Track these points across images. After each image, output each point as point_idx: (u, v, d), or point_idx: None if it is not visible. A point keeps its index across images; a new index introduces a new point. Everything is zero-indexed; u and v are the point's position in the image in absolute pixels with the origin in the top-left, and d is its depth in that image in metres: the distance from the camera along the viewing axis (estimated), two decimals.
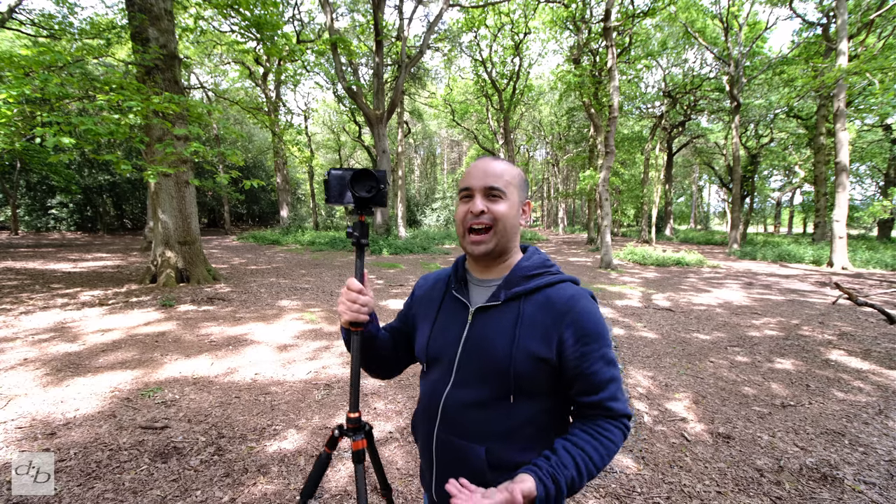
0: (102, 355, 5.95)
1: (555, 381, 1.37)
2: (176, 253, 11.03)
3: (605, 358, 1.34)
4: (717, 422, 4.43)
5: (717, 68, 31.01)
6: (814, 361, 6.36)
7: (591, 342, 1.33)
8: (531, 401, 1.37)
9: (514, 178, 1.45)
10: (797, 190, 48.12)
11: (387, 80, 26.40)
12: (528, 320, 1.36)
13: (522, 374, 1.33)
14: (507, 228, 1.42)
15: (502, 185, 1.40)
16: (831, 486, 3.39)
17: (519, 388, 1.34)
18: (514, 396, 1.35)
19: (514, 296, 1.40)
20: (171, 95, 8.76)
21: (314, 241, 24.58)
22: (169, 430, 3.99)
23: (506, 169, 1.44)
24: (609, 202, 17.78)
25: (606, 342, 1.36)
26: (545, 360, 1.33)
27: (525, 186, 1.50)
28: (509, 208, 1.41)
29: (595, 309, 1.39)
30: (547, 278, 1.43)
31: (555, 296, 1.39)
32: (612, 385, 1.34)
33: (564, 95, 33.62)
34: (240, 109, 28.47)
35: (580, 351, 1.32)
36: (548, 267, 1.47)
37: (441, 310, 1.55)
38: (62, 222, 32.18)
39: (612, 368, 1.34)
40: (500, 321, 1.39)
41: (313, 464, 1.86)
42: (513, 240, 1.46)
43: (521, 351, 1.33)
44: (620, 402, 1.35)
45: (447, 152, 68.25)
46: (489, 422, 1.37)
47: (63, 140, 7.40)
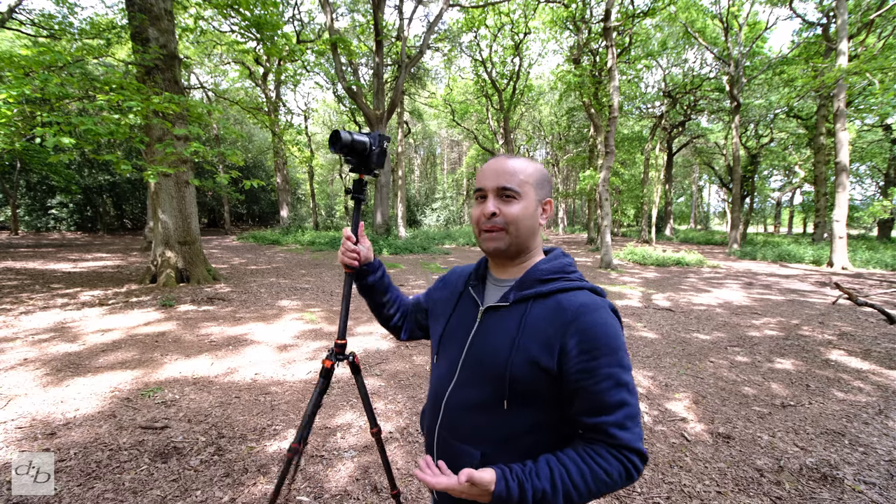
0: (102, 355, 5.95)
1: (557, 393, 1.27)
2: (176, 253, 11.03)
3: (616, 378, 1.20)
4: (717, 422, 4.43)
5: (717, 68, 31.00)
6: (814, 361, 6.37)
7: (599, 357, 1.20)
8: (529, 409, 1.29)
9: (531, 175, 1.37)
10: (797, 190, 48.14)
11: (387, 80, 26.39)
12: (532, 324, 1.28)
13: (519, 380, 1.26)
14: (522, 230, 1.35)
15: (516, 184, 1.34)
16: (831, 486, 3.39)
17: (515, 394, 1.27)
18: (509, 402, 1.28)
19: (522, 298, 1.34)
20: (171, 95, 8.76)
21: (314, 241, 24.58)
22: (169, 430, 3.99)
23: (521, 167, 1.36)
24: (609, 202, 17.78)
25: (619, 362, 1.21)
26: (545, 370, 1.24)
27: (545, 183, 1.42)
28: (523, 209, 1.34)
29: (611, 322, 1.25)
30: (562, 283, 1.33)
31: (566, 302, 1.29)
32: (621, 411, 1.19)
33: (564, 95, 33.64)
34: (240, 109, 28.46)
35: (584, 365, 1.20)
36: (567, 272, 1.37)
37: (458, 304, 1.53)
38: (62, 222, 32.18)
39: (624, 392, 1.20)
40: (505, 323, 1.33)
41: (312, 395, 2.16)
42: (530, 241, 1.39)
43: (521, 355, 1.26)
44: (629, 432, 1.19)
45: (447, 152, 68.21)
46: (486, 426, 1.32)
47: (63, 140, 7.39)
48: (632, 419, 1.20)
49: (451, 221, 44.76)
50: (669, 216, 41.95)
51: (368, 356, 6.27)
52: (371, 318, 8.38)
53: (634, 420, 1.21)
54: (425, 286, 12.15)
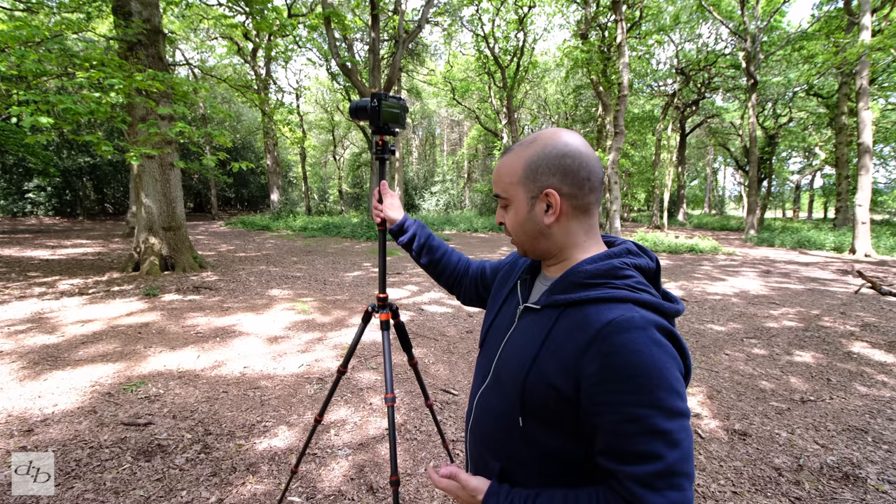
0: (82, 347, 5.93)
1: (575, 418, 1.06)
2: (160, 239, 11.00)
3: (646, 424, 0.94)
4: (732, 418, 4.42)
5: (732, 44, 30.82)
6: (835, 354, 6.35)
7: (622, 392, 0.96)
8: (548, 434, 1.12)
9: (516, 171, 1.19)
10: (817, 172, 48.06)
11: (383, 57, 26.26)
12: (556, 338, 1.10)
13: (533, 397, 1.10)
14: (523, 238, 1.24)
15: (501, 190, 1.24)
16: (854, 485, 3.38)
17: (528, 412, 1.13)
18: (524, 420, 1.14)
19: (553, 303, 1.15)
20: (154, 73, 8.67)
21: (306, 226, 24.59)
22: (153, 427, 3.97)
23: (506, 166, 1.22)
24: (618, 185, 17.76)
25: (654, 402, 0.94)
26: (560, 393, 1.05)
27: (541, 169, 1.16)
28: (514, 216, 1.22)
29: (646, 350, 0.96)
30: (601, 292, 1.08)
31: (593, 316, 1.04)
32: (647, 465, 0.94)
33: (571, 73, 33.35)
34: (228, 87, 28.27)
35: (602, 397, 0.98)
36: (614, 277, 1.11)
37: (508, 297, 1.41)
38: (39, 207, 32.06)
39: (657, 444, 0.94)
40: (535, 329, 1.17)
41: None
42: (540, 242, 1.22)
43: (538, 371, 1.10)
44: (656, 495, 0.93)
45: (447, 133, 67.94)
46: (504, 440, 1.20)
47: (40, 120, 7.32)
48: (663, 478, 0.93)
49: (451, 206, 44.74)
50: (682, 200, 41.90)
51: (364, 348, 6.25)
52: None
53: (668, 481, 0.93)
54: (423, 274, 12.14)
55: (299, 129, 36.79)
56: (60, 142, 29.32)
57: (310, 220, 27.19)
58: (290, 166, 49.82)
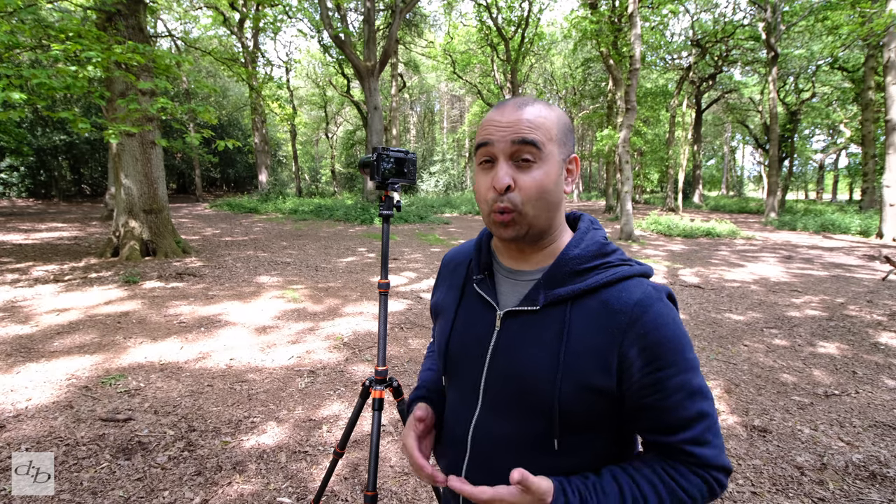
0: (58, 338, 5.92)
1: (617, 413, 1.10)
2: (141, 222, 10.96)
3: (688, 387, 1.03)
4: (751, 413, 4.41)
5: (751, 14, 30.62)
6: (861, 345, 6.34)
7: (667, 366, 1.02)
8: (585, 441, 1.11)
9: (553, 127, 1.09)
10: (842, 151, 47.94)
11: (379, 28, 26.10)
12: (578, 338, 1.06)
13: (573, 411, 1.06)
14: (544, 207, 1.09)
15: (538, 138, 1.06)
16: (881, 485, 3.36)
17: (567, 429, 1.08)
18: (560, 440, 1.08)
19: (557, 300, 1.09)
20: (135, 45, 8.61)
21: (297, 209, 24.53)
22: (133, 423, 3.96)
23: (540, 115, 1.08)
24: (630, 165, 17.70)
25: (689, 364, 1.04)
26: (602, 391, 1.05)
27: (569, 136, 1.14)
28: (545, 176, 1.06)
29: (673, 316, 1.06)
30: (606, 274, 1.08)
31: (615, 301, 1.05)
32: (699, 424, 1.04)
33: (579, 45, 33.07)
34: (213, 60, 28.21)
35: (650, 378, 1.02)
36: (607, 255, 1.12)
37: (461, 307, 1.28)
38: (12, 188, 31.96)
39: (700, 401, 1.05)
40: (538, 335, 1.10)
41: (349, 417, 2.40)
42: (555, 216, 1.13)
43: (570, 381, 1.05)
44: (711, 447, 1.05)
45: (447, 109, 67.83)
46: (532, 468, 1.03)
47: (13, 95, 7.29)
48: (711, 430, 1.05)
49: (451, 187, 44.64)
50: (698, 181, 41.83)
51: (359, 339, 6.24)
52: (361, 296, 8.38)
53: (714, 430, 1.06)
54: (422, 259, 12.15)
55: (289, 105, 36.66)
56: (34, 119, 29.15)
57: (300, 202, 27.11)
58: (279, 145, 49.68)
